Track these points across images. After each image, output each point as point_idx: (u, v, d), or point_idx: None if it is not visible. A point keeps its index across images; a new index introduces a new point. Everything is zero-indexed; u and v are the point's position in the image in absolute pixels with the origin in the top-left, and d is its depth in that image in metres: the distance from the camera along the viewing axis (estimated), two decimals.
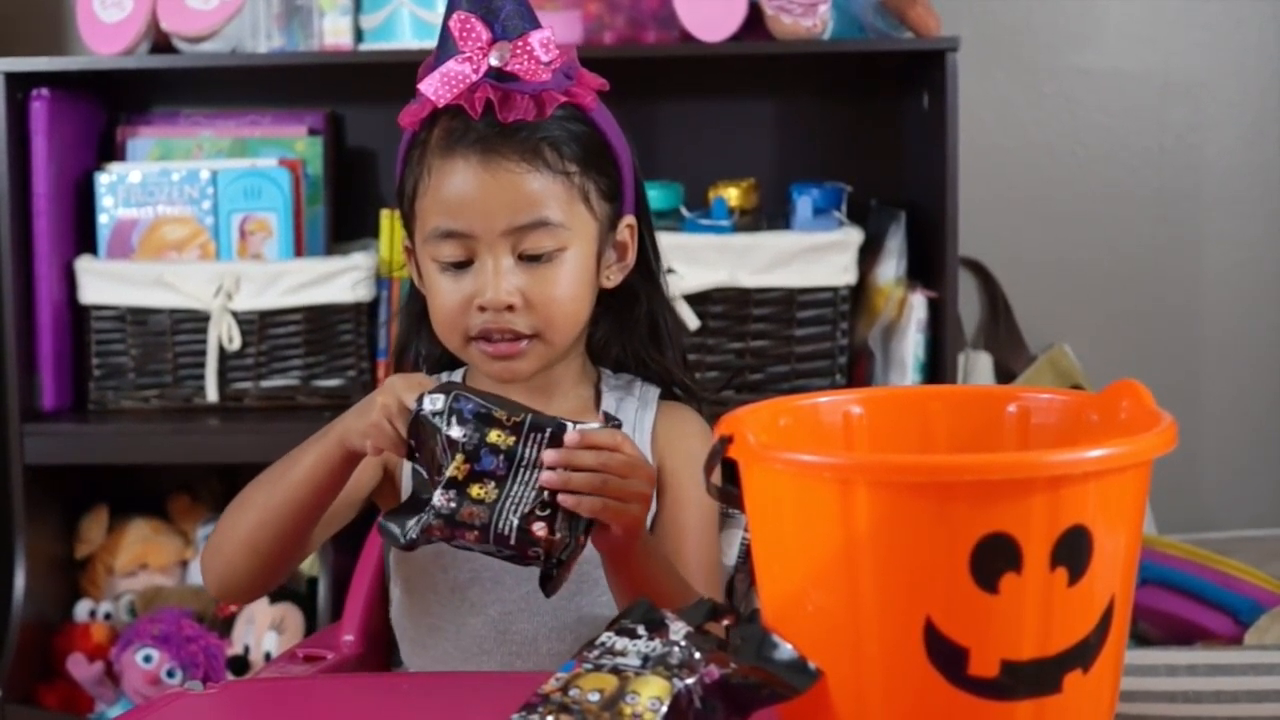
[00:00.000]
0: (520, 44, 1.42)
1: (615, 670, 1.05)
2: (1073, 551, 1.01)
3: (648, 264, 1.58)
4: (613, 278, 1.53)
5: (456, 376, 1.59)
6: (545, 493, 1.30)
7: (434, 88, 1.43)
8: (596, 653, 1.08)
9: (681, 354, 1.61)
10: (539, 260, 1.46)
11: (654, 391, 1.58)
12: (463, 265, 1.47)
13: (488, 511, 1.30)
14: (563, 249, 1.46)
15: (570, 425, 1.31)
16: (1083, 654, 1.03)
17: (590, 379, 1.58)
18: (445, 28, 1.44)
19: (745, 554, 1.60)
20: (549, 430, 1.31)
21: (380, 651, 1.66)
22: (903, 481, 1.01)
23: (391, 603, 1.60)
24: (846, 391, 1.25)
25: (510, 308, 1.45)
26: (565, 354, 1.53)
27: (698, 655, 1.06)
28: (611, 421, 1.42)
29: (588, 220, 1.48)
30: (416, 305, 1.58)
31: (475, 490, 1.30)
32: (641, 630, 1.10)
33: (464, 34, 1.41)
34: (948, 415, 1.20)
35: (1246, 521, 2.81)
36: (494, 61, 1.42)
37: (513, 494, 1.30)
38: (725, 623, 1.10)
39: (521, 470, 1.31)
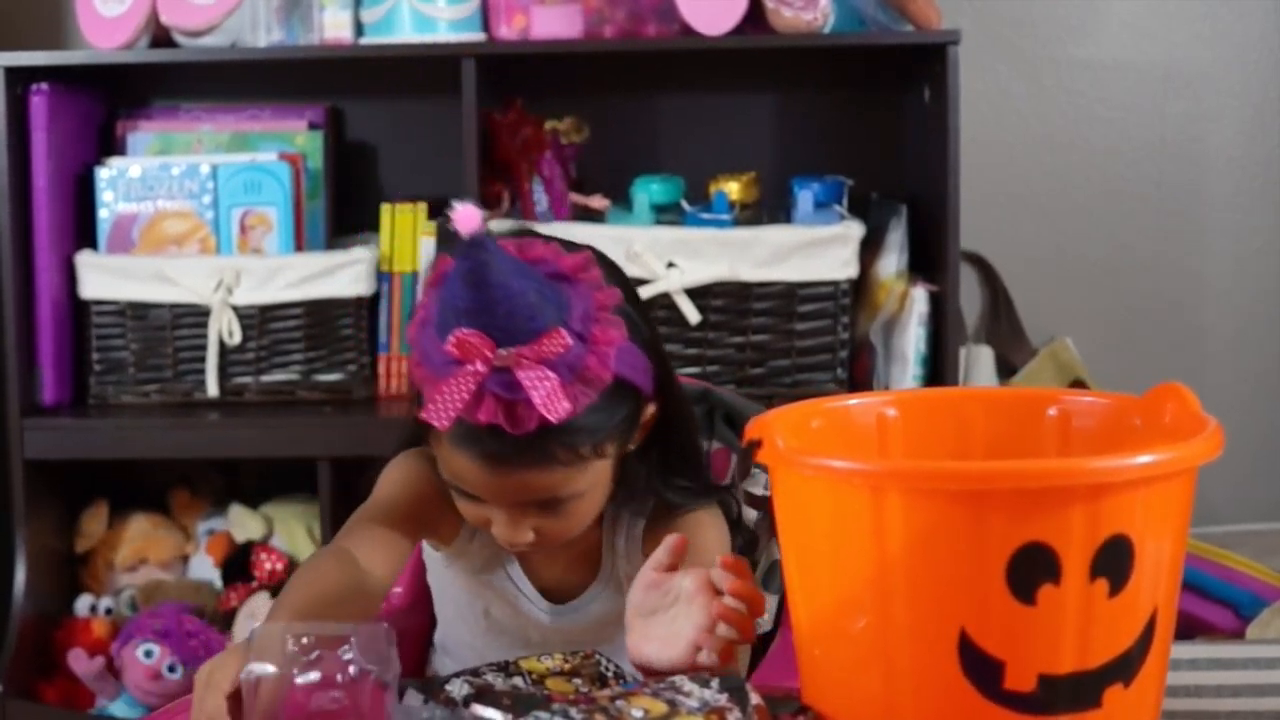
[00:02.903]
0: (527, 351, 1.30)
1: (671, 703, 1.05)
2: (1114, 562, 0.99)
3: (668, 418, 1.49)
4: (635, 445, 1.46)
5: None
6: None
7: (438, 414, 1.31)
8: (663, 685, 1.07)
9: (695, 461, 1.54)
10: (556, 506, 1.41)
11: (643, 522, 1.53)
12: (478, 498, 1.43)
13: None
14: (580, 496, 1.41)
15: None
16: (1124, 668, 1.01)
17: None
18: (444, 345, 1.32)
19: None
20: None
21: (425, 605, 1.67)
22: (937, 489, 0.99)
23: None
24: (881, 393, 1.23)
25: (530, 542, 1.43)
26: None
27: None
28: None
29: (604, 463, 1.41)
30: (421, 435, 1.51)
31: None
32: (716, 686, 1.09)
33: (470, 353, 1.30)
34: (985, 418, 1.18)
35: (1248, 515, 2.81)
36: (507, 366, 1.30)
37: None
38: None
39: None
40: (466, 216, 1.25)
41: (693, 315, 2.43)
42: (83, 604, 2.66)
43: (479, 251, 1.28)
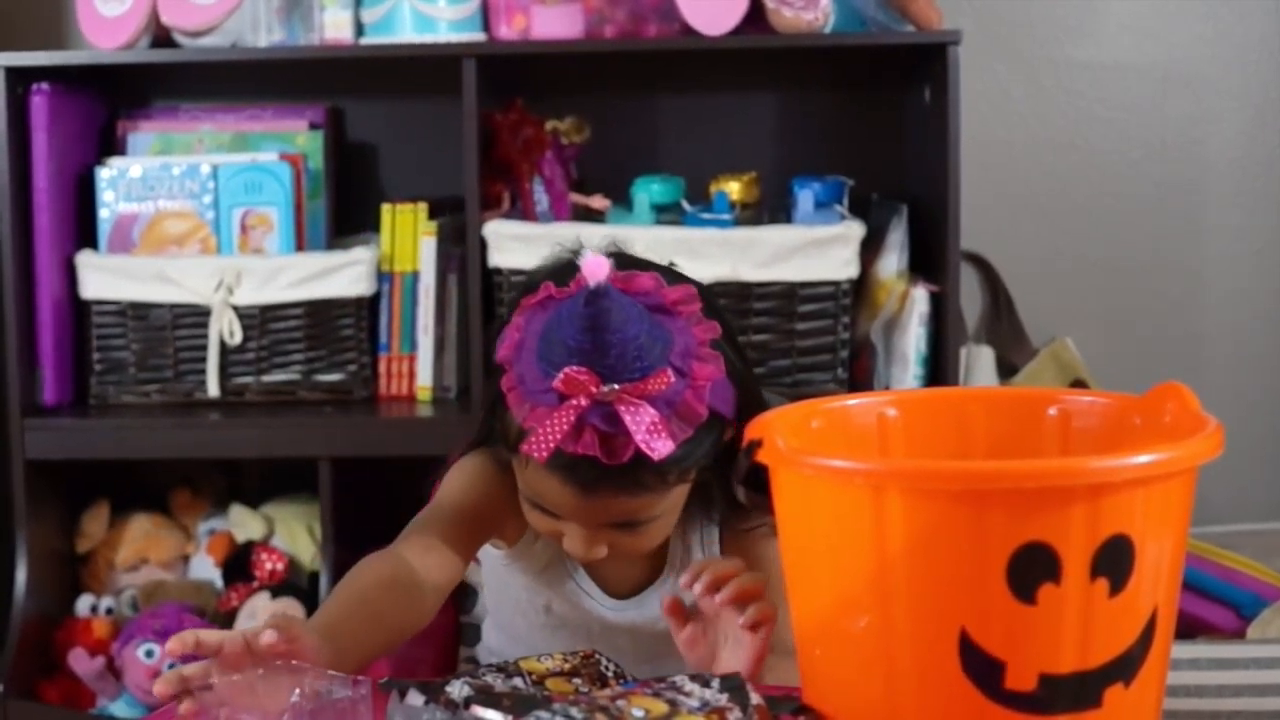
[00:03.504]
0: (630, 388, 1.31)
1: (672, 703, 1.05)
2: (1114, 561, 0.99)
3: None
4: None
5: None
6: None
7: (539, 446, 1.32)
8: (663, 684, 1.08)
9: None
10: (636, 529, 1.43)
11: (715, 522, 1.55)
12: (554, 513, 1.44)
13: None
14: (660, 518, 1.44)
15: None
16: (1124, 667, 1.01)
17: None
18: (546, 377, 1.33)
19: None
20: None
21: (451, 600, 1.67)
22: (937, 489, 0.99)
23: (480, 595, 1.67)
24: (882, 393, 1.23)
25: (602, 556, 1.45)
26: None
27: None
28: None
29: (686, 487, 1.44)
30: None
31: None
32: (717, 686, 1.09)
33: (577, 390, 1.31)
34: (986, 418, 1.18)
35: (1249, 515, 2.81)
36: (608, 400, 1.32)
37: None
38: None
39: None
40: (595, 267, 1.30)
41: None
42: (83, 604, 2.66)
43: (603, 300, 1.31)
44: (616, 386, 1.31)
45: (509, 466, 1.47)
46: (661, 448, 1.31)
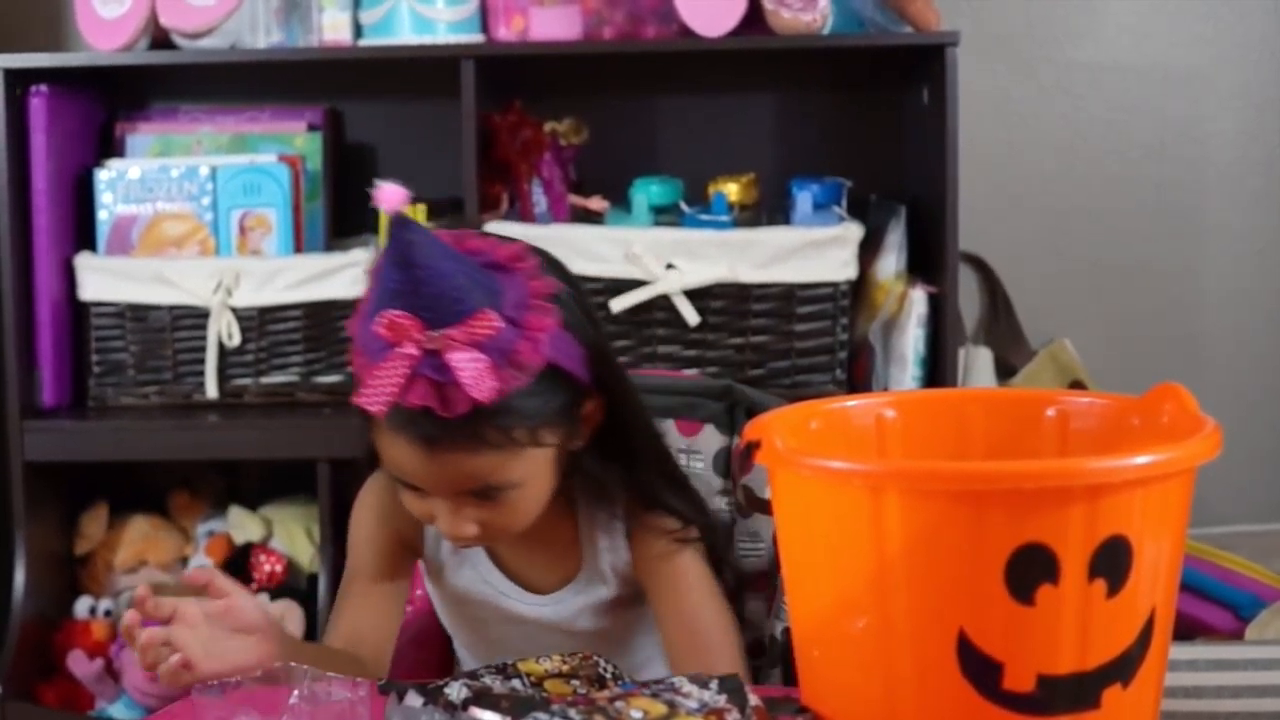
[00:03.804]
0: (455, 332, 1.31)
1: (670, 704, 1.05)
2: (1112, 562, 0.99)
3: (617, 417, 1.49)
4: (580, 442, 1.48)
5: None
6: None
7: (371, 398, 1.32)
8: (661, 685, 1.07)
9: (659, 465, 1.55)
10: (495, 496, 1.42)
11: (620, 521, 1.55)
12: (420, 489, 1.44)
13: None
14: (518, 486, 1.42)
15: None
16: (1122, 668, 1.01)
17: (568, 512, 1.56)
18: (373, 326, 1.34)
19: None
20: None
21: None
22: (935, 490, 1.00)
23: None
24: (880, 394, 1.23)
25: (473, 535, 1.44)
26: None
27: None
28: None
29: (541, 452, 1.42)
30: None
31: None
32: (715, 687, 1.09)
33: (398, 334, 1.31)
34: (984, 419, 1.18)
35: (1247, 516, 2.81)
36: (437, 348, 1.31)
37: None
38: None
39: None
40: (389, 195, 1.27)
41: (692, 317, 2.43)
42: (82, 606, 2.66)
43: (404, 231, 1.29)
44: (440, 333, 1.30)
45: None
46: (488, 389, 1.31)
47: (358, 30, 2.58)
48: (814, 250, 2.43)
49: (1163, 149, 2.84)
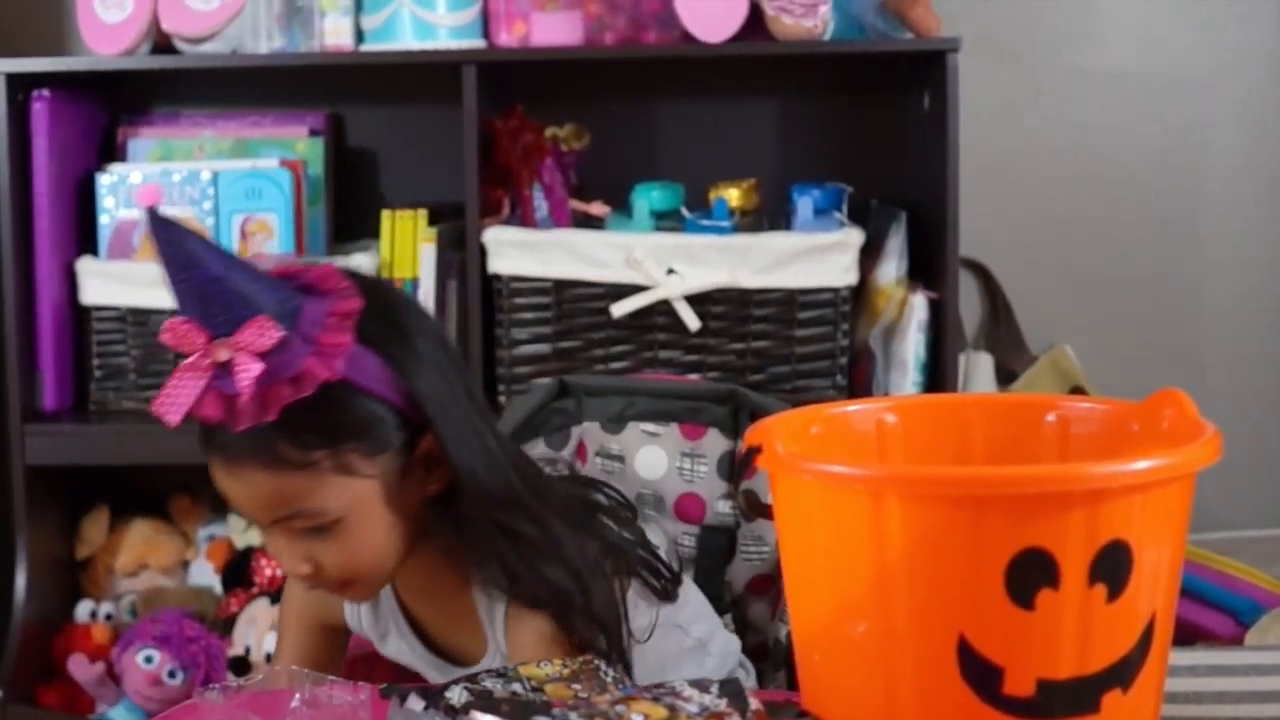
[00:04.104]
0: (239, 339, 1.28)
1: (671, 708, 1.05)
2: (1112, 567, 0.99)
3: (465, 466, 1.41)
4: (435, 485, 1.41)
5: None
6: None
7: (166, 410, 1.32)
8: (662, 690, 1.08)
9: (507, 528, 1.42)
10: (321, 530, 1.38)
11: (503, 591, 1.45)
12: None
13: None
14: (338, 519, 1.37)
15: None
16: (1122, 673, 1.01)
17: (465, 580, 1.47)
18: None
19: None
20: None
21: None
22: (936, 494, 1.00)
23: None
24: (880, 399, 1.23)
25: (309, 574, 1.40)
26: (411, 564, 1.44)
27: None
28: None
29: (359, 484, 1.37)
30: None
31: None
32: (716, 691, 1.09)
33: (181, 342, 1.30)
34: (985, 425, 1.18)
35: (1247, 522, 2.81)
36: (220, 358, 1.29)
37: None
38: None
39: None
40: (142, 194, 1.28)
41: (693, 322, 2.43)
42: (83, 609, 2.66)
43: (163, 231, 1.30)
44: (223, 340, 1.28)
45: None
46: (261, 401, 1.28)
47: (359, 35, 2.58)
48: (815, 255, 2.44)
49: (1164, 156, 2.84)
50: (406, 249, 2.57)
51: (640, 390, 1.70)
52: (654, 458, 1.68)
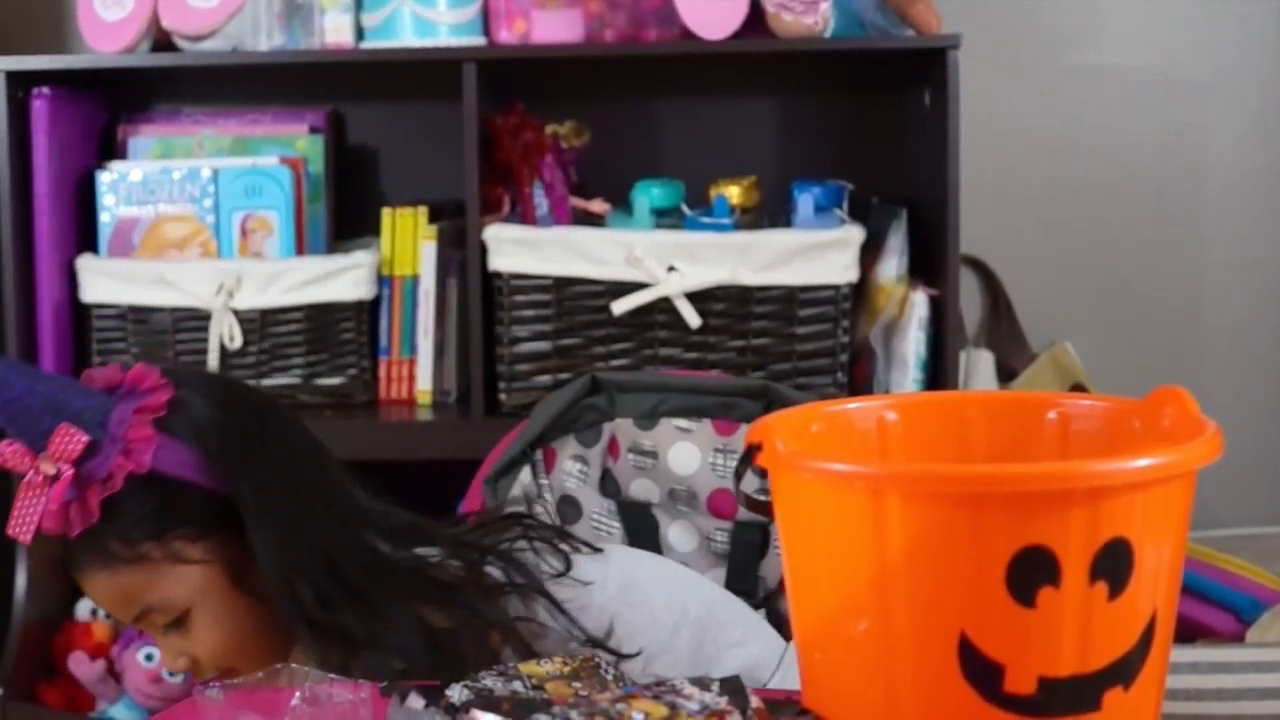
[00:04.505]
0: (50, 450, 1.36)
1: (672, 706, 1.05)
2: (1113, 565, 0.99)
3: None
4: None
5: None
6: None
7: (18, 533, 1.37)
8: (662, 688, 1.07)
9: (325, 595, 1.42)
10: (180, 624, 1.43)
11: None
12: None
13: None
14: (188, 609, 1.42)
15: None
16: (1124, 671, 1.01)
17: None
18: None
19: None
20: None
21: None
22: (936, 492, 0.99)
23: None
24: (881, 397, 1.23)
25: (187, 668, 1.44)
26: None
27: None
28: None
29: (196, 571, 1.42)
30: None
31: None
32: (716, 689, 1.09)
33: (11, 464, 1.37)
34: (985, 422, 1.18)
35: (1248, 519, 2.81)
36: (49, 472, 1.36)
37: None
38: None
39: None
40: None
41: (693, 319, 2.43)
42: (83, 607, 2.66)
43: None
44: (41, 454, 1.35)
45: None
46: (76, 505, 1.35)
47: (359, 33, 2.58)
48: (815, 253, 2.44)
49: (1164, 153, 2.84)
50: (407, 246, 2.57)
51: (673, 386, 1.71)
52: (687, 453, 1.68)
